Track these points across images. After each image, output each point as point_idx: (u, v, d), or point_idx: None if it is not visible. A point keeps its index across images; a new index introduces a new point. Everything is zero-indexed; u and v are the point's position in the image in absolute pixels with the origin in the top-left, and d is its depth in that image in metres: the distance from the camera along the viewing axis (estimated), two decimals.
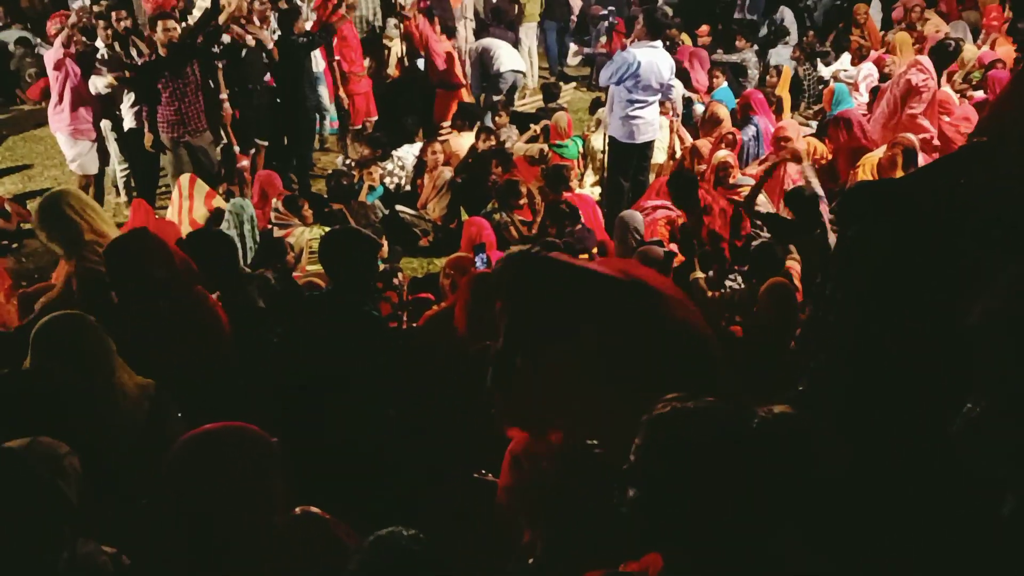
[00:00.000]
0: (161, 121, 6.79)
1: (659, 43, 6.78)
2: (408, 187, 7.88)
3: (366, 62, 9.01)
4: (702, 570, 1.29)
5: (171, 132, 6.81)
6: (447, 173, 7.44)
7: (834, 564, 1.42)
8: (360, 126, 8.89)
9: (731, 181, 6.04)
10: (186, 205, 6.31)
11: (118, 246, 3.05)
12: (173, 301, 2.94)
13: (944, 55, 7.69)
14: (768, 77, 9.44)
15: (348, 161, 8.25)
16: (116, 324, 2.61)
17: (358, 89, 8.85)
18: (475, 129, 7.99)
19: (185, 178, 6.42)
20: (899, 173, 5.40)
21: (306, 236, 6.20)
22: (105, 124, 7.25)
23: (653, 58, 6.64)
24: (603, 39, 11.62)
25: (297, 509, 1.84)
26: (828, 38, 11.04)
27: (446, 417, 3.06)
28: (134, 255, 2.98)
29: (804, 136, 7.07)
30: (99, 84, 7.07)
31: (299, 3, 8.61)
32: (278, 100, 7.84)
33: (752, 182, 5.88)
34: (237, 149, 7.59)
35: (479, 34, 10.47)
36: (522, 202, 6.64)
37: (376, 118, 9.01)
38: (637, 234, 5.42)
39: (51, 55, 6.93)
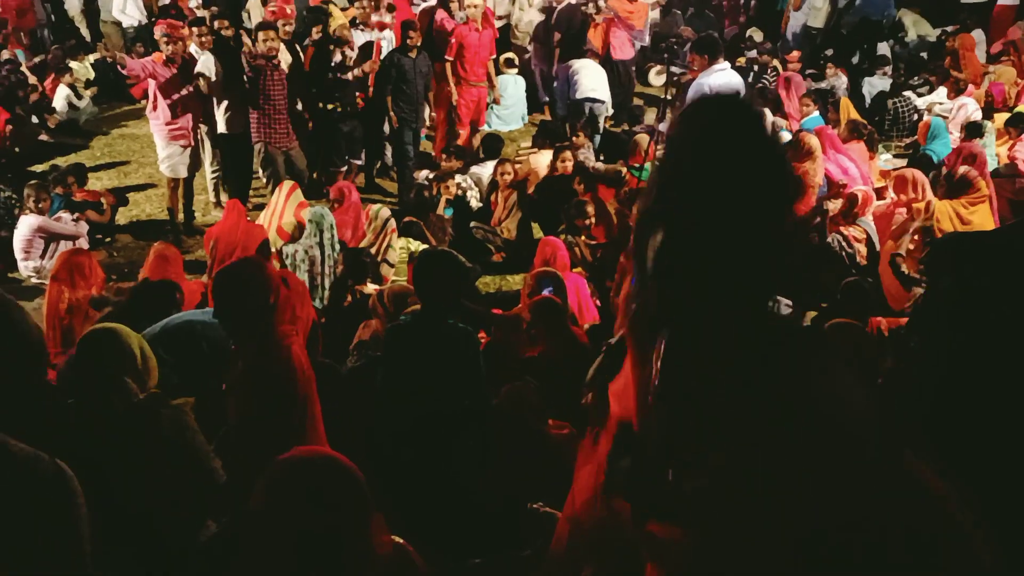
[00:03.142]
0: (259, 128, 7.15)
1: (726, 64, 6.65)
2: (481, 204, 7.94)
3: None
4: None
5: (268, 139, 7.17)
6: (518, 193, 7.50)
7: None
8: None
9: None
10: (278, 210, 6.49)
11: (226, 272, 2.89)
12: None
13: None
14: (828, 113, 9.18)
15: (427, 174, 8.34)
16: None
17: (470, 97, 8.98)
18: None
19: (287, 184, 6.58)
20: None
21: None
22: (201, 127, 7.48)
23: (725, 81, 6.52)
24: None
25: (389, 538, 1.80)
26: (923, 70, 10.72)
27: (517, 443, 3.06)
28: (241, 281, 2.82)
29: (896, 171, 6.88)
30: (196, 89, 7.32)
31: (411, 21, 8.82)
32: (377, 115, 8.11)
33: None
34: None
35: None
36: (589, 222, 6.61)
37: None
38: None
39: (151, 60, 7.19)
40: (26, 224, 6.58)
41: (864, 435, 1.23)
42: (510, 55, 10.34)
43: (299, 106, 7.75)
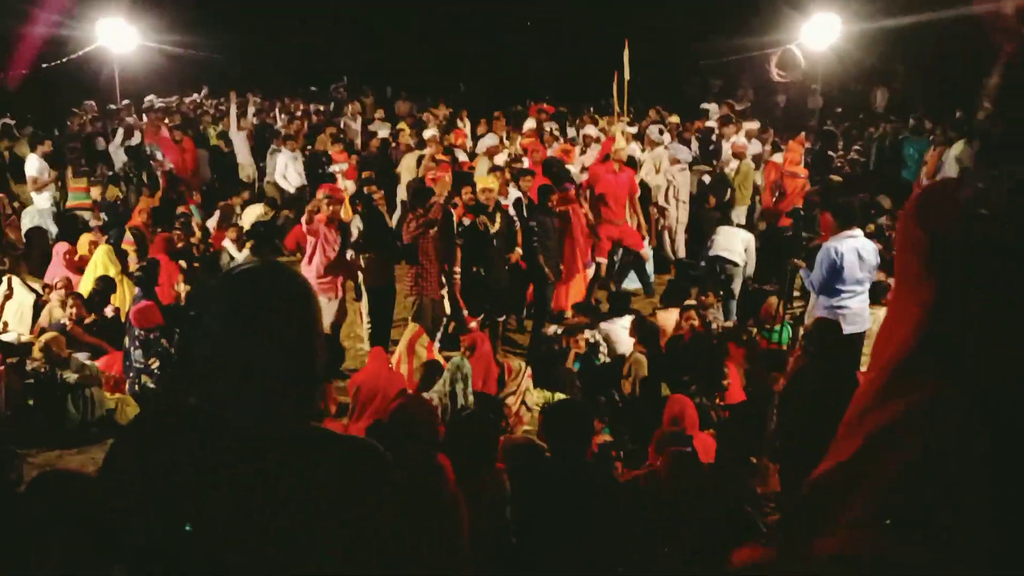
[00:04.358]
0: (415, 281, 7.88)
1: (858, 231, 6.73)
2: (609, 359, 8.10)
3: None
4: None
5: (423, 291, 7.85)
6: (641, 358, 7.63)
7: None
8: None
9: None
10: (404, 356, 6.94)
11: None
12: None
13: None
14: None
15: (556, 328, 8.63)
16: None
17: (610, 234, 9.38)
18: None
19: (411, 329, 7.03)
20: None
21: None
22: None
23: (855, 246, 6.60)
24: None
25: None
26: None
27: None
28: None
29: None
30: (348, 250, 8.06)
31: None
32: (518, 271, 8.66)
33: None
34: (465, 313, 8.27)
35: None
36: (726, 383, 6.66)
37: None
38: None
39: (318, 220, 7.98)
40: None
41: None
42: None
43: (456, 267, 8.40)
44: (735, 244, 9.36)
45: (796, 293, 9.16)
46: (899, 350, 1.58)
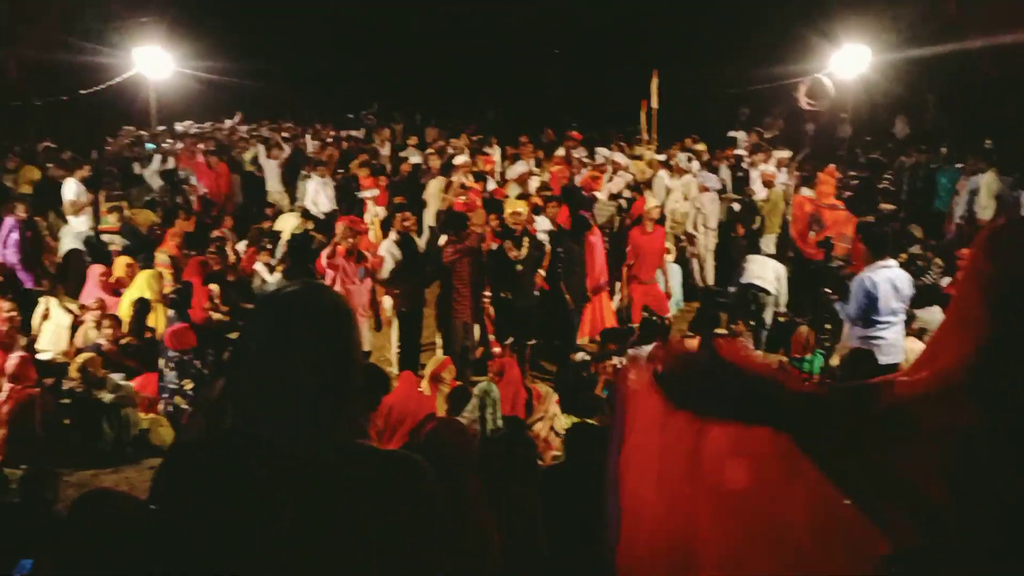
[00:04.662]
0: (447, 305, 7.98)
1: (892, 262, 6.68)
2: None
3: None
4: None
5: (456, 315, 7.97)
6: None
7: None
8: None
9: None
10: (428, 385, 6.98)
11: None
12: None
13: None
14: None
15: (584, 355, 8.63)
16: None
17: (641, 294, 9.36)
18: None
19: (437, 359, 7.06)
20: None
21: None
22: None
23: (890, 277, 6.54)
24: None
25: None
26: None
27: None
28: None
29: None
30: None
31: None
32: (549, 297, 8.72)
33: None
34: (492, 337, 8.31)
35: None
36: None
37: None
38: None
39: (338, 254, 8.10)
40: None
41: None
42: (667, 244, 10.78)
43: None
44: (767, 273, 9.32)
45: (827, 326, 9.08)
46: (941, 378, 1.59)
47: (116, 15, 17.58)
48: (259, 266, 11.22)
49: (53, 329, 8.74)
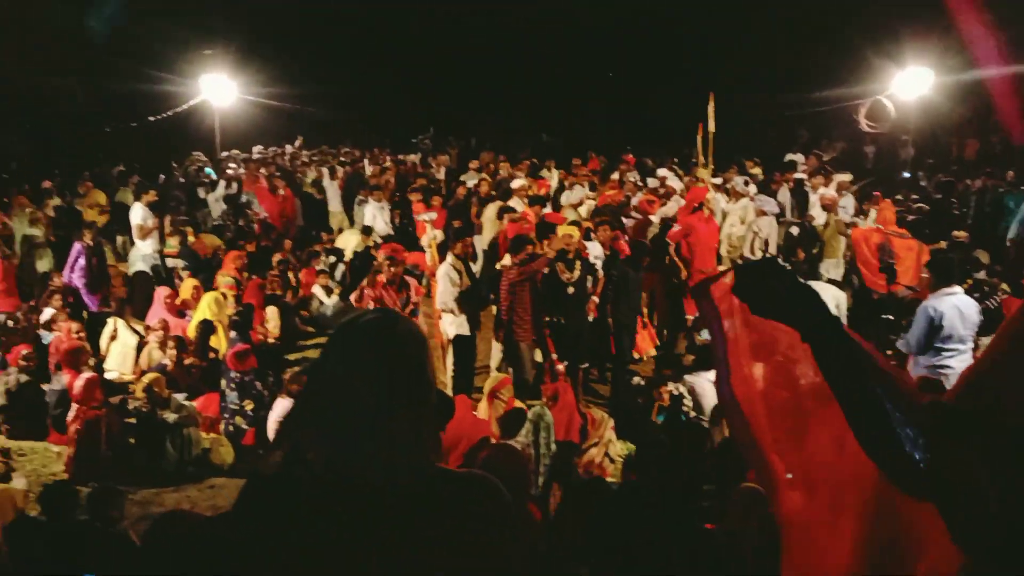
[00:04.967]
0: (509, 327, 7.98)
1: (958, 288, 6.50)
2: (695, 412, 7.99)
3: None
4: None
5: (518, 336, 7.97)
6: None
7: None
8: None
9: None
10: (486, 404, 7.02)
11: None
12: None
13: None
14: None
15: (639, 379, 8.58)
16: None
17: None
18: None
19: (495, 378, 7.09)
20: None
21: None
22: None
23: (955, 304, 6.37)
24: None
25: None
26: None
27: None
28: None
29: None
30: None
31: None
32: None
33: None
34: (555, 356, 8.33)
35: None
36: None
37: None
38: None
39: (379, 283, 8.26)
40: (282, 407, 7.40)
41: None
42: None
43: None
44: (826, 299, 9.13)
45: (888, 352, 8.89)
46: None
47: (185, 46, 18.20)
48: (317, 289, 11.43)
49: (120, 349, 9.02)
